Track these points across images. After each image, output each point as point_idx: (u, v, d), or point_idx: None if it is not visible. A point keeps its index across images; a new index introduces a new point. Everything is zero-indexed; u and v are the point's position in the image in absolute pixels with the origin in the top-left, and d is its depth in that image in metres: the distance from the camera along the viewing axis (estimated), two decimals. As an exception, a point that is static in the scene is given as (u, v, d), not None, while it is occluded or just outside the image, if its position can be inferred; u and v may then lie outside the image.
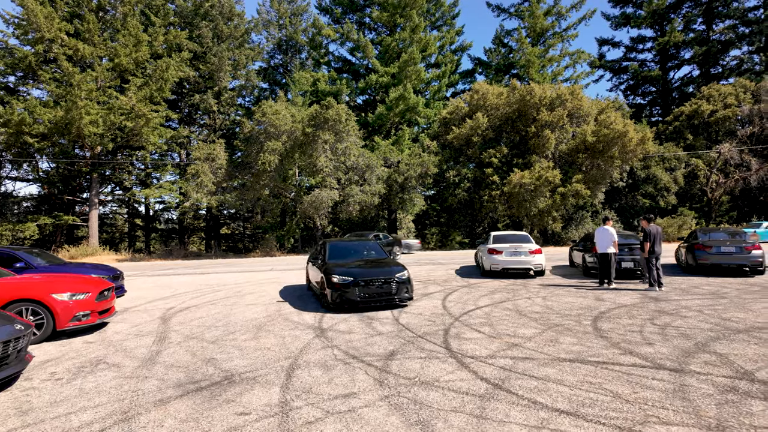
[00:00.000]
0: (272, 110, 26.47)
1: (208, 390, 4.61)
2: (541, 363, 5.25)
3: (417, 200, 30.01)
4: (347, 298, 8.38)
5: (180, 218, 38.14)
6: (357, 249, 10.54)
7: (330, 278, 8.52)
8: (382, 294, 8.57)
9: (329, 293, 8.52)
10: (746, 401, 3.98)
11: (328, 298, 8.55)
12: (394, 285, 8.64)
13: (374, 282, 8.53)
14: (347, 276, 8.49)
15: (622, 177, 29.93)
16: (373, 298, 8.51)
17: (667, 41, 41.44)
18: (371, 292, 8.49)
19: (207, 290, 12.18)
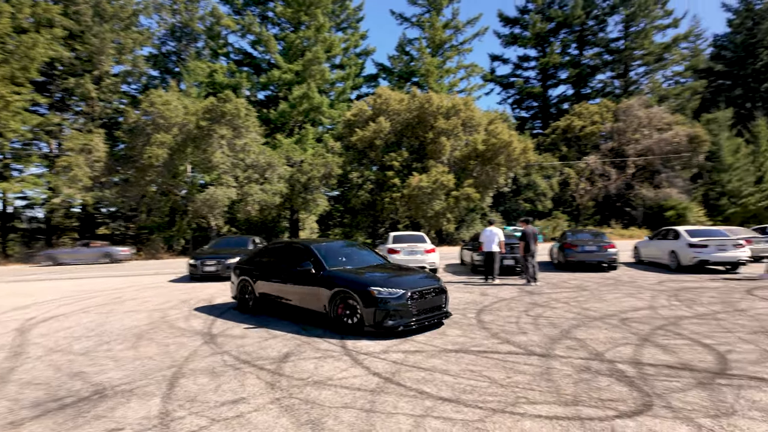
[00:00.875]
0: (162, 100, 24.47)
1: (73, 407, 4.15)
2: (429, 355, 5.56)
3: (320, 201, 29.83)
4: (400, 319, 6.43)
5: (47, 217, 33.46)
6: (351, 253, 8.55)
7: (367, 291, 6.50)
8: (434, 308, 6.94)
9: (367, 313, 6.43)
10: (596, 378, 4.62)
11: (366, 319, 6.45)
12: (444, 295, 7.21)
13: (427, 293, 6.84)
14: (394, 287, 6.57)
15: (507, 183, 32.73)
16: (428, 314, 6.79)
17: (548, 62, 46.23)
18: (425, 307, 6.77)
19: (79, 297, 10.88)
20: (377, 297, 6.38)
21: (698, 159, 35.08)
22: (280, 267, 8.10)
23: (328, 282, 7.01)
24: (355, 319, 6.63)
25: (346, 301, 6.74)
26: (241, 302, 8.72)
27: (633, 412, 3.79)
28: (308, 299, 7.36)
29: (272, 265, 8.31)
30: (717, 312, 7.63)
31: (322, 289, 7.07)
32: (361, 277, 7.01)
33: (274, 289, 8.03)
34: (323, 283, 7.07)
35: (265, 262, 8.55)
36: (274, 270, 8.17)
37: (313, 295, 7.22)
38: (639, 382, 4.47)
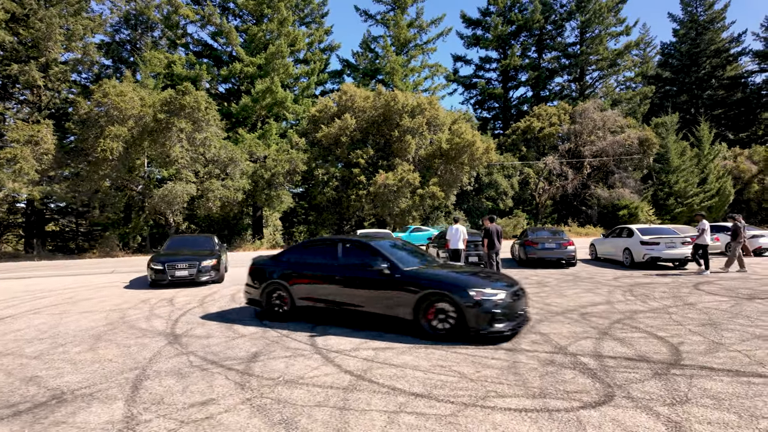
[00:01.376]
0: (116, 91, 23.34)
1: (29, 413, 3.92)
2: (399, 352, 5.61)
3: (285, 197, 29.38)
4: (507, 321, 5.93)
5: (-12, 212, 31.28)
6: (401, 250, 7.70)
7: (468, 293, 5.85)
8: (522, 311, 6.56)
9: (471, 317, 5.78)
10: (561, 371, 4.81)
11: (471, 323, 5.81)
12: (526, 297, 6.85)
13: (520, 294, 6.53)
14: (493, 288, 6.04)
15: (470, 182, 33.39)
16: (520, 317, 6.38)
17: (508, 64, 47.45)
18: (520, 309, 6.40)
19: (27, 298, 10.26)
20: (481, 299, 5.80)
21: (648, 161, 37.02)
22: (331, 268, 7.08)
23: (411, 284, 6.25)
24: (447, 324, 5.98)
25: (436, 304, 6.04)
26: (268, 309, 7.56)
27: (596, 402, 3.98)
28: (381, 304, 6.49)
29: (319, 267, 7.25)
30: (669, 306, 8.09)
31: (401, 292, 6.28)
32: (454, 277, 6.33)
33: (326, 294, 6.99)
34: (403, 286, 6.30)
35: (306, 263, 7.47)
36: (322, 271, 7.14)
37: (389, 299, 6.40)
38: (601, 374, 4.69)
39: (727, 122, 52.25)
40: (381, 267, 6.58)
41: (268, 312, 7.58)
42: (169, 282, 11.40)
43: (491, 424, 3.61)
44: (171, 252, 12.40)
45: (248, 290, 8.00)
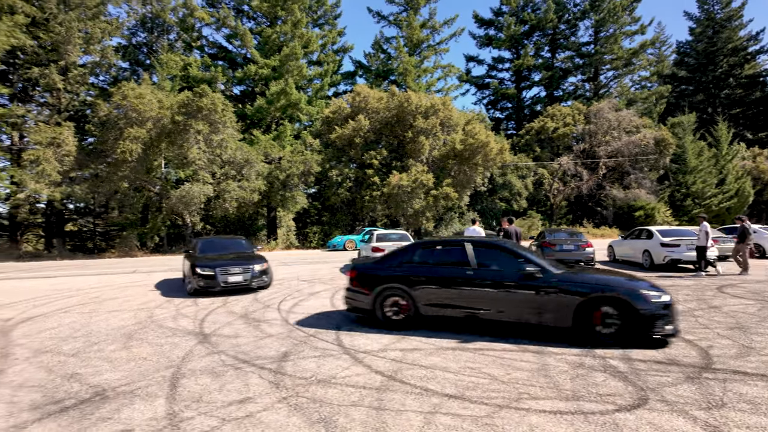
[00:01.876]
0: (135, 93, 23.71)
1: (75, 409, 4.06)
2: (427, 353, 5.66)
3: (299, 198, 29.57)
4: (672, 324, 5.78)
5: (11, 212, 31.96)
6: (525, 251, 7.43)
7: (641, 295, 5.75)
8: None
9: (644, 319, 5.65)
10: (592, 374, 4.82)
11: (650, 326, 5.67)
12: None
13: None
14: (658, 290, 5.94)
15: (484, 182, 33.27)
16: None
17: (521, 64, 47.17)
18: None
19: (55, 297, 10.50)
20: (653, 301, 5.69)
21: (664, 161, 36.55)
22: (463, 271, 6.58)
23: (569, 288, 5.98)
24: (612, 329, 5.79)
25: (601, 308, 5.83)
26: (382, 316, 6.95)
27: (631, 406, 3.99)
28: (527, 310, 6.17)
29: (448, 270, 6.73)
30: (693, 309, 8.03)
31: (558, 296, 5.98)
32: (617, 280, 6.18)
33: (459, 300, 6.52)
34: (559, 290, 6.01)
35: (431, 266, 6.92)
36: (453, 275, 6.63)
37: (540, 304, 6.08)
38: (632, 377, 4.70)
39: (746, 122, 51.33)
40: (530, 270, 6.20)
41: (380, 320, 6.94)
42: (221, 289, 10.16)
43: (528, 426, 3.65)
44: (214, 255, 11.18)
45: (352, 296, 7.33)
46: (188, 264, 10.83)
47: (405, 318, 6.83)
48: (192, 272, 10.24)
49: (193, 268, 10.26)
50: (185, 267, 11.56)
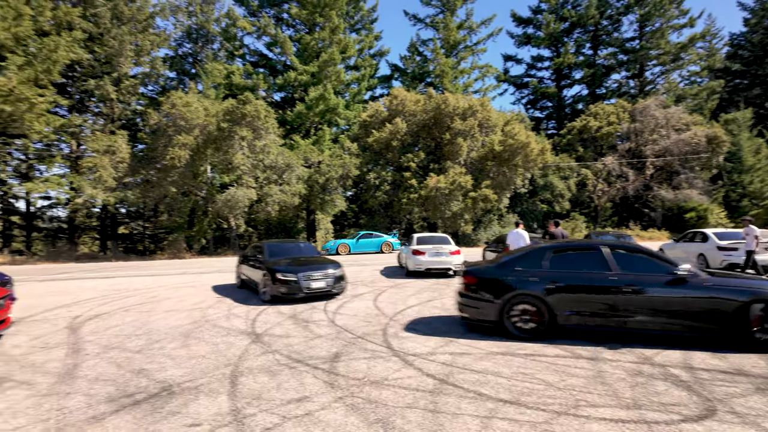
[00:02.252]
0: (183, 101, 24.79)
1: (147, 403, 4.30)
2: (477, 357, 5.64)
3: (338, 201, 30.01)
4: None
5: (70, 216, 34.05)
6: None
7: None
8: None
9: None
10: (652, 383, 4.67)
11: None
12: None
13: None
14: None
15: (524, 184, 32.62)
16: None
17: (562, 62, 45.98)
18: None
19: (115, 296, 11.12)
20: None
21: (718, 160, 34.65)
22: (604, 277, 6.21)
23: (724, 290, 5.78)
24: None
25: (758, 312, 5.65)
26: (512, 326, 6.48)
27: (698, 416, 3.85)
28: (686, 315, 5.86)
29: (588, 276, 6.32)
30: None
31: (714, 299, 5.74)
32: (764, 282, 6.02)
33: (604, 308, 6.12)
34: (713, 293, 5.78)
35: (565, 271, 6.47)
36: (594, 282, 6.24)
37: (694, 310, 5.82)
38: (696, 387, 4.52)
39: (809, 116, 47.94)
40: (681, 273, 5.94)
41: (508, 330, 6.46)
42: (303, 296, 9.56)
43: (589, 433, 3.59)
44: (286, 260, 10.36)
45: (470, 304, 6.84)
46: (259, 269, 10.29)
47: (536, 327, 6.38)
48: (271, 278, 9.53)
49: (272, 274, 9.54)
50: (249, 272, 11.20)
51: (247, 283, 11.60)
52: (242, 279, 12.04)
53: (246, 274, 11.62)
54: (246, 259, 11.84)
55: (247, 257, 11.89)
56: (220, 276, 15.33)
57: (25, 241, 35.22)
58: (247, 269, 11.52)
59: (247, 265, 11.49)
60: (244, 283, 11.96)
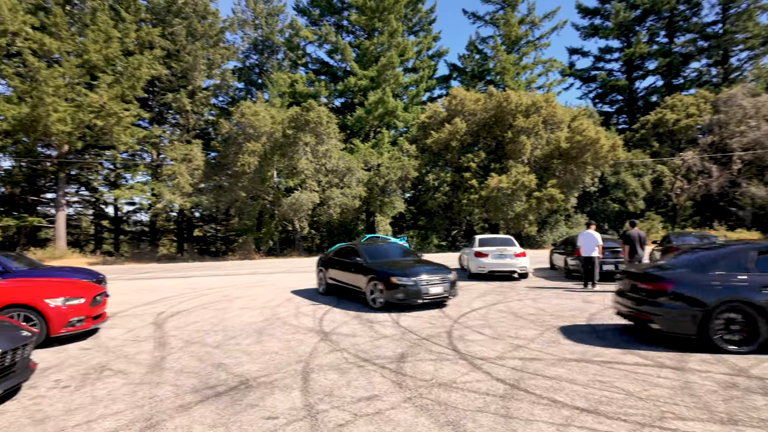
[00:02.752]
0: (251, 111, 26.12)
1: (227, 395, 4.56)
2: (549, 363, 5.43)
3: (398, 203, 30.19)
4: None
5: (152, 220, 37.01)
6: None
7: None
8: None
9: None
10: (749, 396, 4.25)
11: None
12: None
13: None
14: None
15: (594, 182, 30.98)
16: None
17: (633, 52, 43.21)
18: None
19: (193, 294, 11.91)
20: None
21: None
22: None
23: None
24: None
25: None
26: (720, 340, 5.68)
27: (809, 435, 3.45)
28: None
29: None
30: None
31: None
32: None
33: None
34: None
35: None
36: None
37: None
38: (805, 402, 4.06)
39: None
40: None
41: (712, 344, 5.66)
42: (421, 303, 8.72)
43: (679, 448, 3.33)
44: (388, 261, 9.58)
45: (662, 313, 5.97)
46: (359, 272, 9.49)
47: (745, 340, 5.65)
48: (384, 283, 8.58)
49: (383, 278, 8.64)
50: (343, 276, 10.31)
51: (339, 288, 10.57)
52: (330, 283, 10.93)
53: (338, 279, 10.55)
54: (333, 262, 10.86)
55: (334, 260, 10.86)
56: (288, 276, 15.96)
57: (114, 243, 38.63)
58: (339, 273, 10.48)
59: (339, 269, 10.50)
60: (332, 288, 10.90)
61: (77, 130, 27.67)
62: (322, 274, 11.35)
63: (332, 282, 10.85)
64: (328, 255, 11.60)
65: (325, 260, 11.46)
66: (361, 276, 9.40)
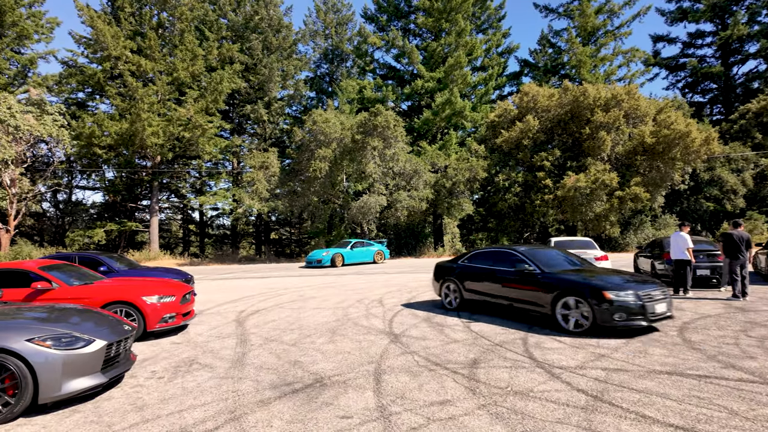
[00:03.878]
0: (322, 118, 27.01)
1: (303, 392, 4.72)
2: (636, 375, 5.03)
3: (465, 205, 29.65)
4: None
5: (233, 224, 39.55)
6: None
7: None
8: None
9: None
10: None
11: None
12: None
13: None
14: None
15: (684, 179, 28.37)
16: None
17: (730, 35, 39.04)
18: None
19: (270, 294, 12.52)
20: None
21: None
22: None
23: None
24: None
25: None
26: None
27: None
28: None
29: None
30: None
31: None
32: None
33: None
34: None
35: None
36: None
37: None
38: None
39: None
40: None
41: None
42: (645, 326, 6.82)
43: (800, 479, 2.92)
44: (572, 270, 7.84)
45: None
46: (536, 285, 7.63)
47: None
48: (594, 299, 6.75)
49: (592, 293, 6.81)
50: (500, 290, 8.23)
51: (485, 305, 8.67)
52: (469, 299, 8.93)
53: (487, 292, 8.55)
54: (472, 271, 8.93)
55: (474, 268, 8.95)
56: (357, 278, 16.27)
57: (199, 245, 41.71)
58: (488, 286, 8.52)
59: (486, 280, 8.56)
60: (470, 304, 8.99)
61: (168, 142, 30.35)
62: (450, 286, 9.35)
63: (472, 296, 8.86)
64: (457, 262, 9.58)
65: (454, 269, 9.38)
66: (538, 291, 7.56)
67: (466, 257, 9.48)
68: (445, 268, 9.73)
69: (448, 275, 9.49)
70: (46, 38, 32.95)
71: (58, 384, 4.18)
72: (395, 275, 17.08)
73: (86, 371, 4.39)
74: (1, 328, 4.25)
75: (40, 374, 4.09)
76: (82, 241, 30.68)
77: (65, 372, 4.21)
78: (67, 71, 32.34)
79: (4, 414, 4.01)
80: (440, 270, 9.85)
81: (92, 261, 10.94)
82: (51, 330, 4.38)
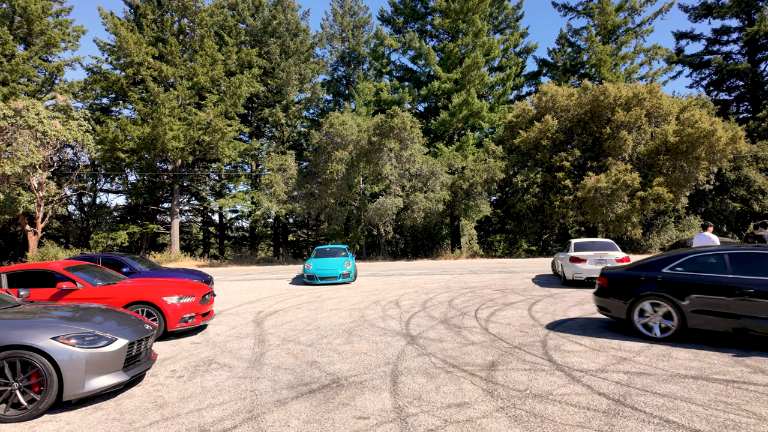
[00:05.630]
0: (339, 121, 27.13)
1: (320, 392, 4.73)
2: (660, 379, 4.90)
3: (483, 206, 29.39)
4: None
5: (252, 226, 39.99)
6: None
7: None
8: None
9: None
10: None
11: None
12: None
13: None
14: None
15: (709, 179, 27.60)
16: None
17: (757, 30, 37.88)
18: None
19: (288, 295, 12.61)
20: None
21: None
22: None
23: None
24: None
25: None
26: None
27: None
28: None
29: None
30: None
31: None
32: None
33: None
34: None
35: None
36: None
37: None
38: None
39: None
40: None
41: None
42: None
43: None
44: None
45: None
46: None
47: None
48: None
49: None
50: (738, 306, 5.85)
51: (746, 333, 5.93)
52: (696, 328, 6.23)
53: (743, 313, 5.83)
54: (701, 282, 6.21)
55: (707, 279, 6.18)
56: (375, 279, 16.26)
57: (219, 247, 42.30)
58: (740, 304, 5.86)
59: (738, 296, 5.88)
60: (699, 333, 6.47)
61: (188, 145, 30.89)
62: (650, 303, 6.64)
63: (701, 315, 6.17)
64: (657, 269, 6.74)
65: (657, 279, 6.59)
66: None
67: (669, 265, 6.66)
68: (633, 278, 6.86)
69: (643, 289, 6.67)
70: (72, 46, 33.96)
71: (81, 381, 4.27)
72: (413, 276, 17.02)
73: (109, 369, 4.48)
74: (27, 326, 4.37)
75: (65, 371, 4.20)
76: (105, 242, 31.41)
77: (88, 370, 4.31)
78: (91, 77, 33.26)
79: (30, 410, 4.12)
80: (628, 280, 6.91)
81: (115, 262, 11.19)
82: (75, 328, 4.49)
